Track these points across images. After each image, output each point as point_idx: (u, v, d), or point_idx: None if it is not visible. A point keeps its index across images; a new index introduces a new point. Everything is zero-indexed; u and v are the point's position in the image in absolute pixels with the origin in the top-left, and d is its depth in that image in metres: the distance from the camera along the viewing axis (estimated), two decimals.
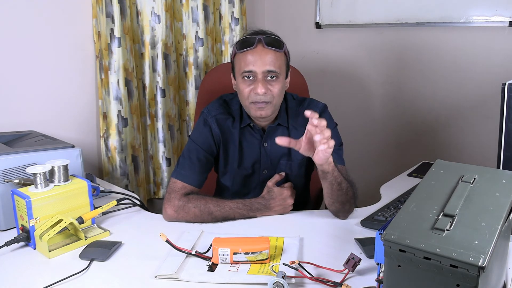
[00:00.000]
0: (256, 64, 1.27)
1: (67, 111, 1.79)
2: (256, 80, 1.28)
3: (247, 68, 1.28)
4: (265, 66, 1.27)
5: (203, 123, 1.40)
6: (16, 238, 1.11)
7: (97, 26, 1.79)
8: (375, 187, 1.56)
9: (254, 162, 1.42)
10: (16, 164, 1.25)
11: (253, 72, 1.28)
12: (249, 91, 1.29)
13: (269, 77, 1.29)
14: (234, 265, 1.03)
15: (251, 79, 1.29)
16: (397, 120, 2.29)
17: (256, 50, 1.28)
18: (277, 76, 1.29)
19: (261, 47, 1.28)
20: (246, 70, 1.28)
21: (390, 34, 2.21)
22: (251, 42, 1.29)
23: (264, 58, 1.27)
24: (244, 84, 1.30)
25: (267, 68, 1.27)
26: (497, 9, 1.89)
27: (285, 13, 2.56)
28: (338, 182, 1.22)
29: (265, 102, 1.29)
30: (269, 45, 1.28)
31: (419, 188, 0.83)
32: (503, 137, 1.06)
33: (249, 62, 1.28)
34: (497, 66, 1.94)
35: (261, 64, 1.27)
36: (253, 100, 1.29)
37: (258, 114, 1.30)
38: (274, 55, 1.28)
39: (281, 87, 1.32)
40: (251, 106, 1.31)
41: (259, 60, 1.27)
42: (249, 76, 1.29)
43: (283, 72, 1.32)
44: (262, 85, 1.27)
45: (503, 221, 0.71)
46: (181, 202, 1.28)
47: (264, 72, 1.27)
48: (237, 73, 1.32)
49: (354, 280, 0.97)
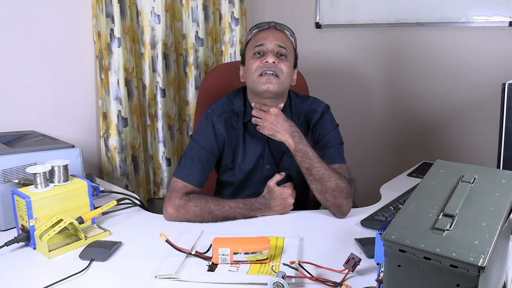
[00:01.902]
0: (268, 39, 1.34)
1: (67, 111, 1.79)
2: (267, 53, 1.33)
3: (259, 42, 1.35)
4: (277, 41, 1.34)
5: (206, 123, 1.40)
6: (16, 238, 1.11)
7: (97, 26, 1.79)
8: (375, 187, 1.56)
9: (258, 157, 1.42)
10: (16, 164, 1.25)
11: (264, 45, 1.34)
12: (259, 61, 1.33)
13: (279, 54, 1.34)
14: (234, 265, 1.03)
15: (261, 54, 1.34)
16: (397, 120, 2.29)
17: (269, 29, 1.38)
18: (286, 55, 1.35)
19: (273, 28, 1.38)
20: (258, 44, 1.35)
21: (390, 34, 2.21)
22: (264, 24, 1.39)
23: (276, 34, 1.36)
24: (254, 59, 1.35)
25: (278, 42, 1.34)
26: (497, 9, 1.89)
27: (285, 13, 2.56)
28: (305, 168, 1.28)
29: (274, 75, 1.31)
30: (281, 28, 1.39)
31: (419, 188, 0.83)
32: (503, 137, 1.07)
33: (261, 38, 1.36)
34: (497, 66, 1.94)
35: (273, 38, 1.34)
36: (261, 71, 1.32)
37: (265, 87, 1.31)
38: (285, 36, 1.38)
39: (289, 68, 1.35)
40: (259, 80, 1.32)
41: (271, 35, 1.35)
42: (261, 52, 1.34)
43: (291, 55, 1.38)
44: (273, 55, 1.32)
45: (503, 221, 0.71)
46: (182, 201, 1.28)
47: (275, 45, 1.34)
48: (248, 55, 1.38)
49: (354, 280, 0.97)
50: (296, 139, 1.29)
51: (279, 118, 1.30)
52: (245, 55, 1.41)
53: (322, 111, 1.42)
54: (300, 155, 1.28)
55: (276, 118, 1.30)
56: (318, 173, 1.27)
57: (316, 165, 1.27)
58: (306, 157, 1.28)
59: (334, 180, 1.27)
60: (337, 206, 1.29)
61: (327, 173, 1.27)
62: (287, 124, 1.30)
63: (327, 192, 1.27)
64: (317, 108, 1.43)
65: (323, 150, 1.36)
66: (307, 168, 1.28)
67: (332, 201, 1.28)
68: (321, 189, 1.28)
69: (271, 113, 1.30)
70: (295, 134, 1.30)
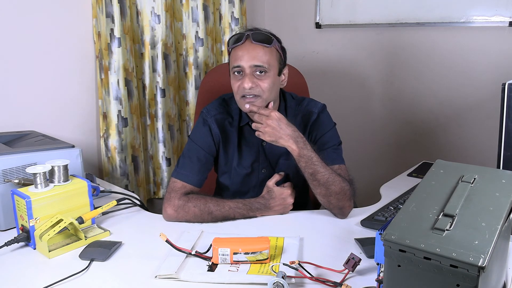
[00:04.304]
0: (244, 59, 1.28)
1: (67, 111, 1.79)
2: (244, 75, 1.29)
3: (235, 63, 1.30)
4: (252, 61, 1.28)
5: (203, 123, 1.40)
6: (16, 238, 1.11)
7: (97, 26, 1.79)
8: (375, 187, 1.56)
9: (253, 161, 1.42)
10: (16, 164, 1.25)
11: (241, 67, 1.29)
12: (238, 86, 1.30)
13: (257, 72, 1.29)
14: (234, 265, 1.03)
15: (240, 74, 1.30)
16: (397, 120, 2.29)
17: (244, 46, 1.29)
18: (266, 71, 1.29)
19: (249, 43, 1.30)
20: (234, 65, 1.30)
21: (390, 34, 2.21)
22: (240, 38, 1.31)
23: (251, 53, 1.28)
24: (235, 80, 1.32)
25: (254, 62, 1.28)
26: (497, 9, 1.89)
27: (285, 13, 2.56)
28: (309, 173, 1.25)
29: (254, 96, 1.29)
30: (257, 41, 1.29)
31: (419, 188, 0.83)
32: (503, 137, 1.07)
33: (237, 58, 1.29)
34: (497, 66, 1.94)
35: (248, 58, 1.28)
36: (242, 94, 1.30)
37: (248, 108, 1.29)
38: (262, 50, 1.29)
39: (271, 82, 1.30)
40: (240, 101, 1.32)
41: (246, 55, 1.28)
42: (239, 71, 1.30)
43: (273, 67, 1.31)
44: (249, 79, 1.27)
45: (503, 221, 0.71)
46: (181, 202, 1.28)
47: (251, 66, 1.28)
48: (230, 69, 1.34)
49: (354, 280, 0.97)
50: (300, 145, 1.25)
51: (281, 123, 1.25)
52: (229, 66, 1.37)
53: (319, 111, 1.41)
54: (304, 160, 1.25)
55: (279, 122, 1.24)
56: (322, 178, 1.25)
57: (321, 170, 1.25)
58: (310, 162, 1.25)
59: (338, 183, 1.26)
60: (340, 208, 1.29)
61: (331, 177, 1.25)
62: (290, 129, 1.25)
63: (331, 196, 1.26)
64: (313, 109, 1.41)
65: (322, 151, 1.34)
66: (311, 173, 1.25)
67: (336, 204, 1.28)
68: (325, 193, 1.26)
69: (273, 118, 1.24)
70: (299, 139, 1.26)
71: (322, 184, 1.25)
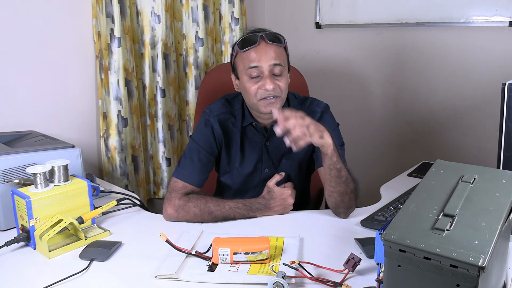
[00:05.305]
0: (262, 60, 1.28)
1: (67, 111, 1.79)
2: (263, 77, 1.28)
3: (252, 64, 1.28)
4: (271, 60, 1.28)
5: (205, 123, 1.40)
6: (16, 238, 1.11)
7: (97, 26, 1.79)
8: (375, 187, 1.56)
9: (256, 161, 1.42)
10: (16, 164, 1.25)
11: (259, 67, 1.28)
12: (256, 88, 1.29)
13: (274, 72, 1.29)
14: (234, 265, 1.03)
15: (258, 76, 1.29)
16: (397, 120, 2.29)
17: (260, 47, 1.29)
18: (282, 70, 1.30)
19: (264, 44, 1.29)
20: (251, 65, 1.28)
21: (390, 34, 2.21)
22: (254, 40, 1.29)
23: (268, 53, 1.28)
24: (250, 83, 1.30)
25: (273, 61, 1.28)
26: (497, 9, 1.89)
27: (285, 13, 2.56)
28: (337, 169, 1.21)
29: (275, 97, 1.29)
30: (272, 41, 1.30)
31: (419, 188, 0.83)
32: (503, 137, 1.06)
33: (253, 59, 1.28)
34: (497, 66, 1.94)
35: (266, 59, 1.28)
36: (262, 97, 1.29)
37: (269, 110, 1.28)
38: (278, 49, 1.30)
39: (287, 81, 1.33)
40: (260, 104, 1.30)
41: (264, 55, 1.28)
42: (256, 72, 1.28)
43: (286, 66, 1.34)
44: (270, 81, 1.27)
45: (503, 221, 0.71)
46: (182, 202, 1.28)
47: (271, 66, 1.28)
48: (241, 73, 1.32)
49: (354, 280, 0.97)
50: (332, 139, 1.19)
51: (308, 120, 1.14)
52: (236, 68, 1.36)
53: (322, 111, 1.41)
54: (337, 155, 1.20)
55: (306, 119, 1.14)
56: (345, 175, 1.23)
57: (344, 166, 1.23)
58: (340, 157, 1.21)
59: (351, 182, 1.25)
60: (348, 207, 1.28)
61: (349, 176, 1.24)
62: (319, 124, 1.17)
63: (348, 194, 1.25)
64: (316, 108, 1.42)
65: None
66: (339, 169, 1.21)
67: (348, 203, 1.27)
68: (344, 190, 1.24)
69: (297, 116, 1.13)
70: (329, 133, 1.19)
71: (344, 181, 1.23)
